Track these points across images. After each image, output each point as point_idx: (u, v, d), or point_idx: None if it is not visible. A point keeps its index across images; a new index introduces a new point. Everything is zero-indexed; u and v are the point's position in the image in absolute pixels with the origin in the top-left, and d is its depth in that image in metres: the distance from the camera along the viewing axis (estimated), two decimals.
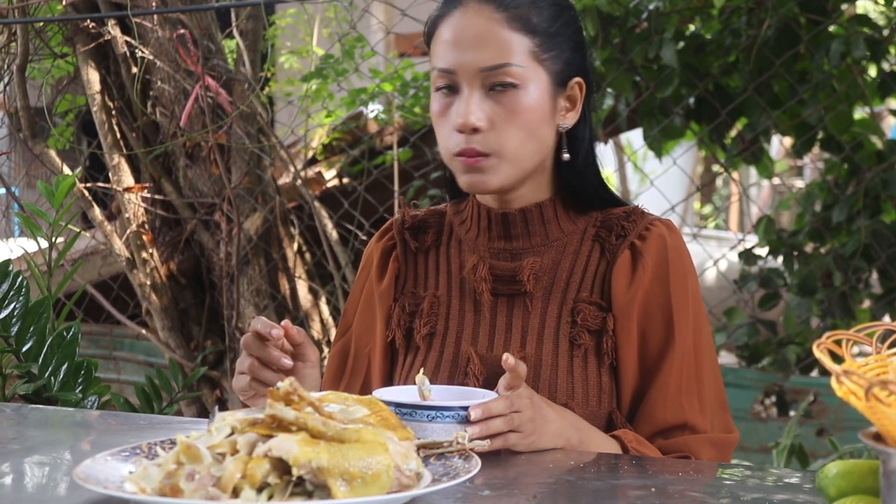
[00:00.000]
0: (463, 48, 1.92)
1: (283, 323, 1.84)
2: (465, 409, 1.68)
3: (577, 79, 2.01)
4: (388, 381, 2.11)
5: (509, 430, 1.68)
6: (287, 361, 1.83)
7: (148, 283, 4.48)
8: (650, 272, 1.97)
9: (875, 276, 4.69)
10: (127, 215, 4.48)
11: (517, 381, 1.71)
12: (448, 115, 1.96)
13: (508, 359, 1.68)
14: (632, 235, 2.00)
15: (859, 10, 5.32)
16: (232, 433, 1.39)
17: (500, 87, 1.91)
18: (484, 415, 1.65)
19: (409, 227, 2.16)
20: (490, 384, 1.89)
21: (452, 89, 1.95)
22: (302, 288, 4.64)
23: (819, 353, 1.22)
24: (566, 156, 2.01)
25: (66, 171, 4.25)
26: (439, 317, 2.07)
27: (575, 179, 2.04)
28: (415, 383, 1.77)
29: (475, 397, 1.76)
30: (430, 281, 2.12)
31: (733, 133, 4.85)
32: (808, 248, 4.85)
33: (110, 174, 4.50)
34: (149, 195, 4.50)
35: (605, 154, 6.98)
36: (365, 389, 2.11)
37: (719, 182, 13.43)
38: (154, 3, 4.25)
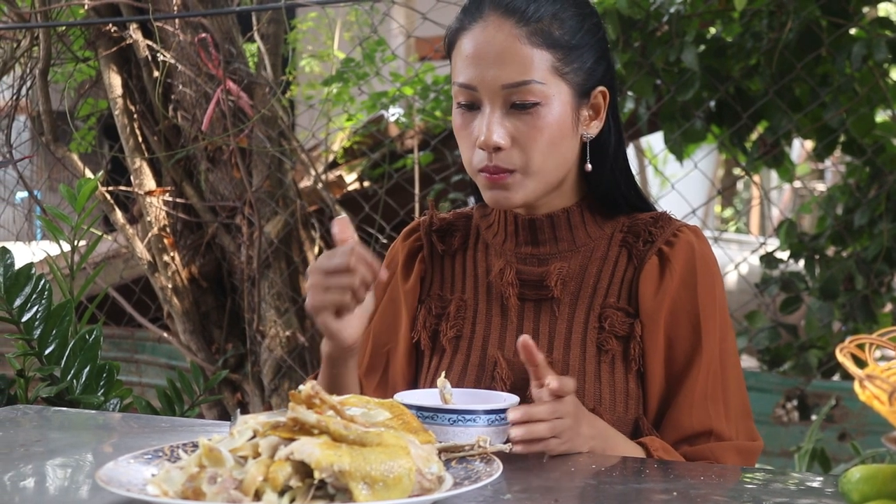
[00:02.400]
0: (484, 64, 1.90)
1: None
2: (487, 412, 1.68)
3: (601, 87, 1.99)
4: (412, 381, 2.11)
5: (552, 436, 1.68)
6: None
7: (169, 286, 4.49)
8: (678, 279, 1.96)
9: None
10: (148, 219, 4.50)
11: (565, 393, 1.70)
12: (470, 129, 1.94)
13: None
14: (659, 241, 1.98)
15: (881, 13, 5.30)
16: (254, 436, 1.39)
17: (521, 105, 1.89)
18: (524, 418, 1.65)
19: (436, 228, 2.15)
20: (517, 388, 1.90)
21: (473, 105, 1.93)
22: None
23: (842, 357, 1.22)
24: (589, 167, 1.99)
25: (88, 174, 4.26)
26: (466, 320, 2.06)
27: (603, 185, 2.03)
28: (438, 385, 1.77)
29: (497, 401, 1.76)
30: (456, 284, 2.11)
31: (754, 136, 4.84)
32: (830, 251, 4.84)
33: (132, 178, 4.51)
34: (170, 199, 4.52)
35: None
36: (382, 387, 2.11)
37: (740, 185, 13.42)
38: (176, 7, 4.26)
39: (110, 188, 4.52)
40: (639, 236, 2.00)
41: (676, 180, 4.74)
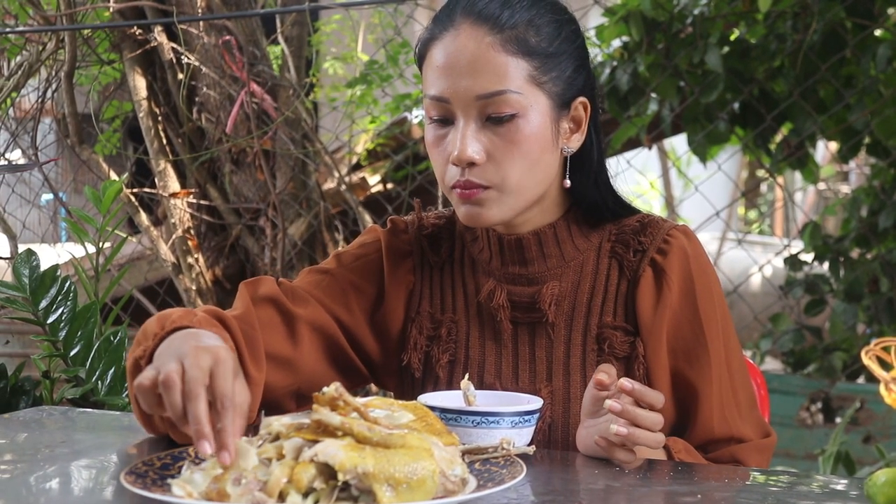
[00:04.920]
0: (456, 74, 1.81)
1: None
2: (511, 414, 1.68)
3: (582, 98, 1.90)
4: (326, 364, 2.02)
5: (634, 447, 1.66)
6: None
7: (193, 288, 4.50)
8: (676, 290, 1.89)
9: None
10: (173, 221, 4.51)
11: (657, 408, 1.67)
12: (443, 145, 1.86)
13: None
14: (651, 251, 1.91)
15: None
16: (278, 438, 1.39)
17: (496, 118, 1.81)
18: (630, 418, 1.62)
19: (426, 234, 2.07)
20: None
21: (447, 120, 1.85)
22: None
23: (867, 360, 1.21)
24: (567, 183, 1.92)
25: (113, 176, 4.28)
26: (459, 344, 1.99)
27: (587, 199, 1.96)
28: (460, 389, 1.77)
29: (520, 403, 1.76)
30: (446, 302, 2.03)
31: (778, 138, 4.83)
32: (855, 253, 4.83)
33: (156, 180, 4.53)
34: (194, 200, 4.53)
35: (649, 160, 6.97)
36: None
37: (764, 187, 13.38)
38: (200, 10, 4.28)
39: (135, 190, 4.53)
40: (628, 246, 1.93)
41: (700, 182, 4.74)
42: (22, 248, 3.26)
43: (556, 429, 1.89)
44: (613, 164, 2.04)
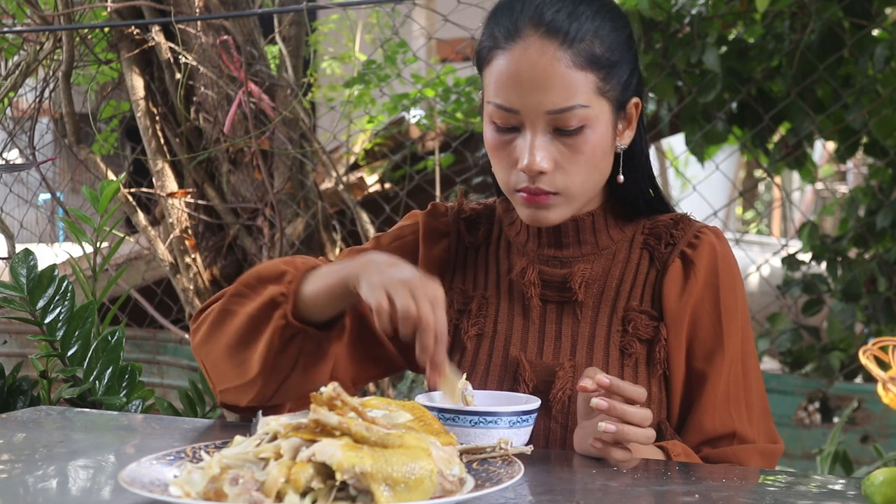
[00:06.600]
0: (526, 88, 1.84)
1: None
2: (509, 414, 1.68)
3: (635, 99, 1.96)
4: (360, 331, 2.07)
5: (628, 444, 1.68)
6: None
7: (191, 287, 4.50)
8: (701, 281, 1.95)
9: None
10: (170, 220, 4.51)
11: (640, 401, 1.70)
12: (508, 150, 1.90)
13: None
14: (681, 244, 1.97)
15: None
16: (276, 438, 1.39)
17: (565, 130, 1.85)
18: (618, 415, 1.65)
19: (464, 217, 2.13)
20: (539, 391, 1.90)
21: (513, 128, 1.88)
22: None
23: (865, 360, 1.21)
24: (621, 178, 1.97)
25: (111, 176, 4.28)
26: (488, 318, 2.05)
27: (630, 191, 2.01)
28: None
29: (518, 402, 1.76)
30: (478, 280, 2.10)
31: (776, 138, 4.83)
32: (852, 253, 4.83)
33: (154, 179, 4.52)
34: (192, 200, 4.52)
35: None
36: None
37: (762, 187, 13.37)
38: (198, 10, 4.27)
39: (132, 190, 4.53)
40: (660, 238, 1.99)
41: (698, 182, 4.74)
42: (19, 247, 3.25)
43: (576, 401, 1.91)
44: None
